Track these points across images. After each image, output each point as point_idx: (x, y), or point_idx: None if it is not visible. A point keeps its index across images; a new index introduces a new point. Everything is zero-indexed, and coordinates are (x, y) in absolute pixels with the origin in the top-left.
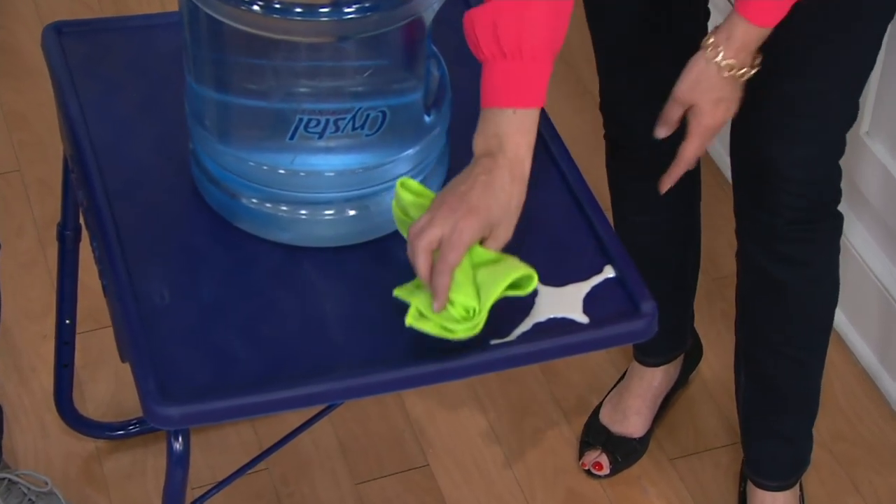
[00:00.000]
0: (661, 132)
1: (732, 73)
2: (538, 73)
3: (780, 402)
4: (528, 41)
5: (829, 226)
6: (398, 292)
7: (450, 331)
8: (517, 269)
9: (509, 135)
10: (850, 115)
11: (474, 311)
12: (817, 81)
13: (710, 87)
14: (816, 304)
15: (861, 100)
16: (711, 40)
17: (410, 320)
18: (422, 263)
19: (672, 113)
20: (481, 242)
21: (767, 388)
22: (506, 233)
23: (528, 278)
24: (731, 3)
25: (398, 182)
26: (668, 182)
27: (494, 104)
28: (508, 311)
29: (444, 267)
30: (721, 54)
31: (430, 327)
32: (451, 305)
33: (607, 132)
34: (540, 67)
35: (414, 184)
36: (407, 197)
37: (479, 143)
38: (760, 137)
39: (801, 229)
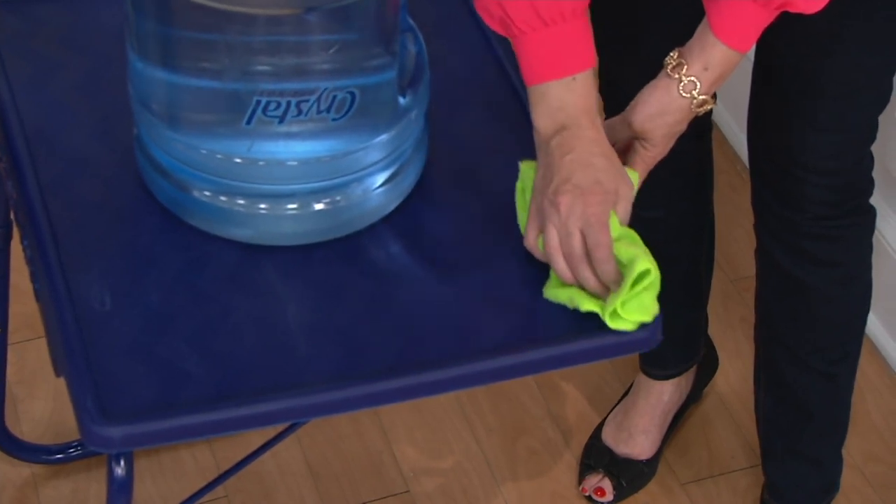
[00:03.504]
0: None
1: (702, 108)
2: (584, 30)
3: (805, 419)
4: (567, 2)
5: (860, 221)
6: (549, 294)
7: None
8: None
9: (576, 103)
10: (882, 95)
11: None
12: (845, 59)
13: (674, 122)
14: (846, 308)
15: (894, 79)
16: (685, 70)
17: (609, 320)
18: (565, 269)
19: (620, 134)
20: None
21: (791, 403)
22: (626, 199)
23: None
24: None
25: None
26: None
27: (549, 78)
28: (495, 314)
29: (604, 254)
30: (698, 87)
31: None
32: (629, 270)
33: (608, 117)
34: (584, 24)
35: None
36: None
37: (543, 123)
38: (782, 122)
39: (829, 225)
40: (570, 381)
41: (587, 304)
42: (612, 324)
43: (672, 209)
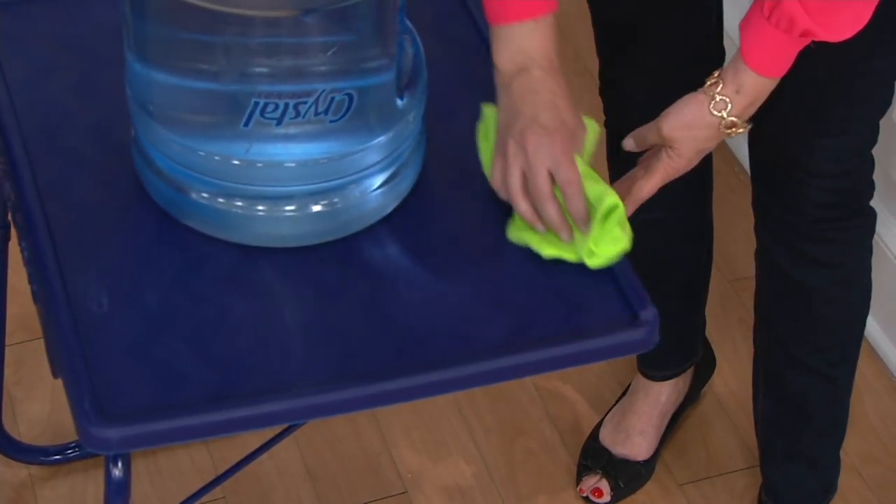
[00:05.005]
0: (629, 145)
1: (731, 130)
2: None
3: (803, 420)
4: None
5: (861, 223)
6: (513, 235)
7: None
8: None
9: (536, 46)
10: (885, 98)
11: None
12: (847, 61)
13: (703, 137)
14: (846, 310)
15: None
16: (720, 88)
17: (588, 259)
18: (528, 209)
19: (650, 139)
20: None
21: (789, 404)
22: (583, 137)
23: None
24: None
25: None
26: None
27: (512, 19)
28: (493, 316)
29: (574, 190)
30: (728, 108)
31: (571, 255)
32: (598, 205)
33: (608, 119)
34: None
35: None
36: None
37: (504, 63)
38: (783, 125)
39: (829, 227)
40: (568, 382)
41: (549, 250)
42: (591, 262)
43: (671, 211)
